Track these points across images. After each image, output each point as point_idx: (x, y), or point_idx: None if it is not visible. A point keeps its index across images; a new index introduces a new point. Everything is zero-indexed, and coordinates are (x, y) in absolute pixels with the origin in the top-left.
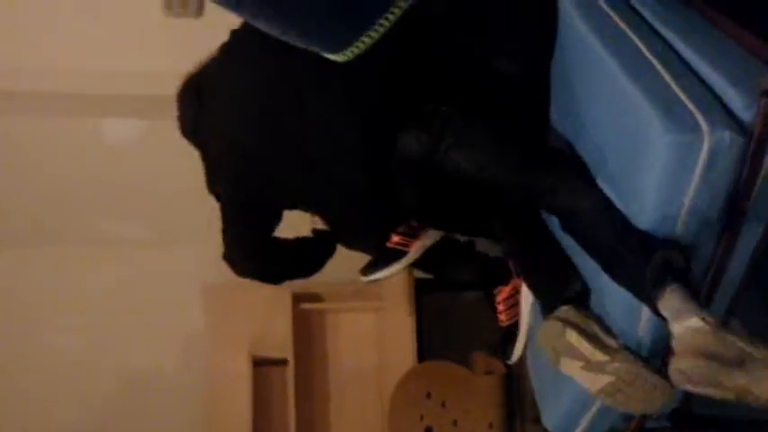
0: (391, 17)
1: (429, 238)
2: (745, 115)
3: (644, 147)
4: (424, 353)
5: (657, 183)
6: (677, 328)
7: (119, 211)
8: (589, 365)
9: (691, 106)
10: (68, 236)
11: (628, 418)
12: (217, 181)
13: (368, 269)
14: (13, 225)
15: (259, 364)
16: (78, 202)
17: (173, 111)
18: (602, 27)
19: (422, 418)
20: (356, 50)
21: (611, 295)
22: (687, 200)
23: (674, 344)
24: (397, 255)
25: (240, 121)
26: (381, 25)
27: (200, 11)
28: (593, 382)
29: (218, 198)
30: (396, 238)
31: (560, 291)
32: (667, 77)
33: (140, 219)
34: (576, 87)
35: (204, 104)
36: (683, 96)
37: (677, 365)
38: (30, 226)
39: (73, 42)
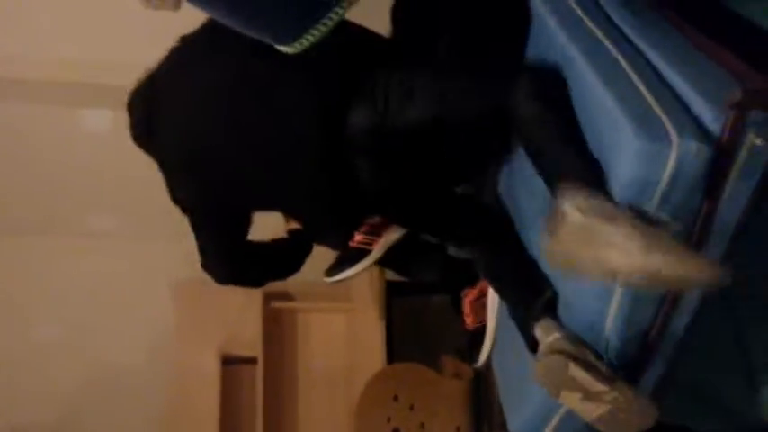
0: (341, 11)
1: (392, 234)
2: (714, 127)
3: (614, 152)
4: (393, 355)
5: (625, 188)
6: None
7: (93, 203)
8: (588, 395)
9: (662, 114)
10: (39, 227)
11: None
12: (180, 188)
13: (332, 270)
14: None
15: (228, 362)
16: (52, 192)
17: None
18: (576, 31)
19: (389, 420)
20: (307, 42)
21: (576, 302)
22: (652, 209)
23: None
24: (360, 254)
25: (201, 123)
26: (331, 19)
27: (178, 4)
28: (592, 411)
29: (183, 208)
30: (359, 237)
31: (535, 299)
32: (640, 85)
33: (114, 212)
34: None
35: (158, 110)
36: (654, 104)
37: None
38: (1, 215)
39: (51, 31)
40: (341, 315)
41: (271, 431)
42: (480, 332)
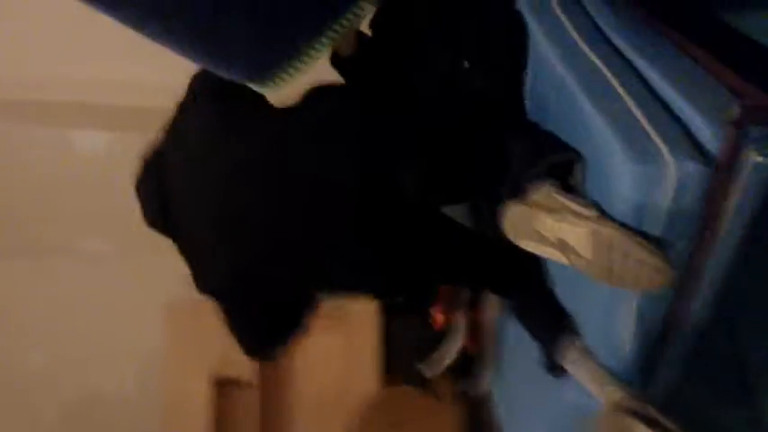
0: (326, 41)
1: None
2: (712, 145)
3: (610, 175)
4: (389, 377)
5: (622, 213)
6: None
7: (82, 222)
8: None
9: (654, 135)
10: (29, 247)
11: None
12: (209, 279)
13: (425, 360)
14: None
15: (222, 385)
16: (40, 212)
17: (138, 123)
18: (565, 49)
19: None
20: (283, 81)
21: (591, 322)
22: (651, 231)
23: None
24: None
25: (232, 202)
26: (316, 49)
27: None
28: None
29: (216, 296)
30: (440, 318)
31: (560, 326)
32: (631, 104)
33: (104, 231)
34: (545, 111)
35: (170, 196)
36: (646, 124)
37: None
38: None
39: (42, 50)
40: (337, 335)
41: None
42: (473, 357)
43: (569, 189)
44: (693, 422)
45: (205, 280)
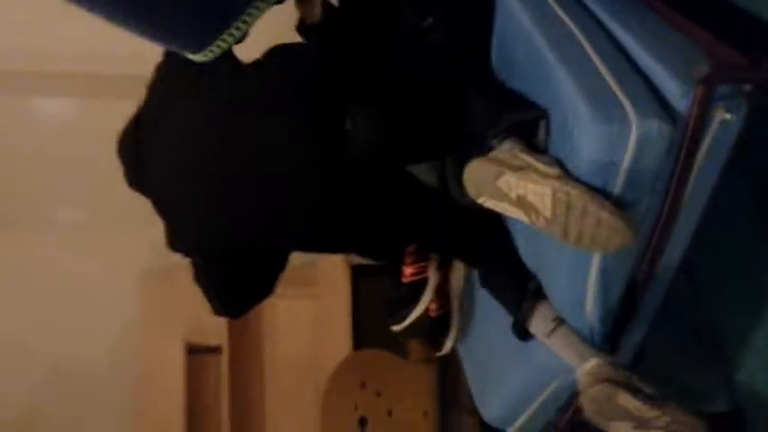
0: (255, 12)
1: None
2: (682, 104)
3: (575, 135)
4: (360, 340)
5: (588, 171)
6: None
7: (55, 193)
8: (641, 424)
9: (620, 94)
10: (2, 217)
11: (563, 410)
12: (182, 229)
13: (396, 316)
14: None
15: (194, 351)
16: (11, 183)
17: (109, 90)
18: (534, 5)
19: (356, 407)
20: (218, 50)
21: (557, 286)
22: (616, 190)
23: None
24: (417, 286)
25: (197, 156)
26: (245, 22)
27: None
28: None
29: (186, 253)
30: (409, 270)
31: (523, 288)
32: (597, 62)
33: (76, 202)
34: (511, 68)
35: (148, 149)
36: (612, 83)
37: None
38: None
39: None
40: (307, 301)
41: (237, 420)
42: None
43: (533, 147)
44: (666, 385)
45: (180, 238)
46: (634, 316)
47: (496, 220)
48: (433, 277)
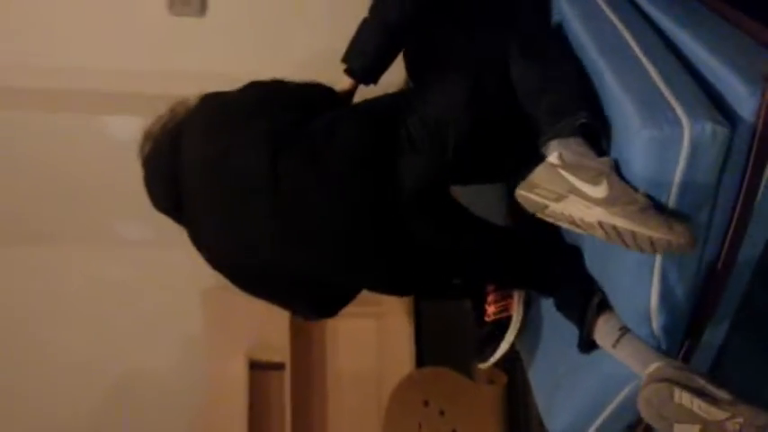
0: None
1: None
2: (750, 104)
3: (626, 140)
4: (423, 360)
5: (639, 178)
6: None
7: (121, 210)
8: (708, 426)
9: (670, 98)
10: (69, 234)
11: (633, 426)
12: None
13: (482, 353)
14: (14, 223)
15: (256, 367)
16: (80, 200)
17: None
18: (586, 10)
19: (420, 426)
20: None
21: (620, 294)
22: (672, 199)
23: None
24: (502, 324)
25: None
26: None
27: (203, 10)
28: None
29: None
30: (492, 309)
31: (589, 301)
32: (648, 66)
33: (141, 219)
34: None
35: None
36: (663, 87)
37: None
38: (30, 223)
39: (75, 39)
40: (370, 319)
41: None
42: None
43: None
44: (748, 383)
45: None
46: (707, 319)
47: (558, 235)
48: (516, 314)
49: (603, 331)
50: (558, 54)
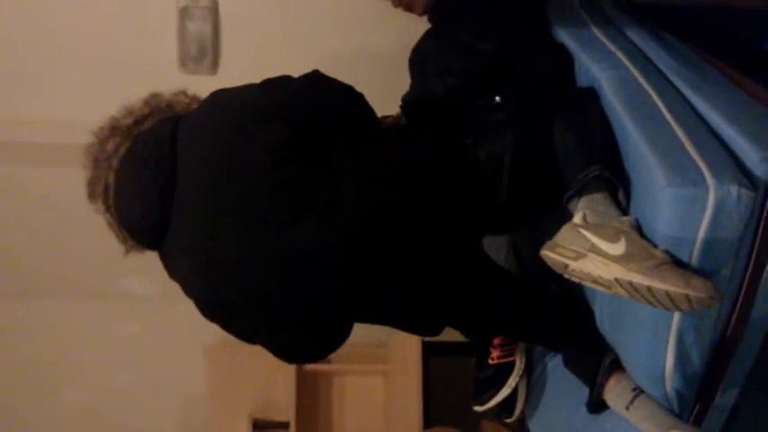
0: None
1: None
2: (760, 169)
3: (650, 198)
4: (431, 419)
5: (663, 236)
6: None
7: (123, 265)
8: None
9: (697, 158)
10: (71, 290)
11: None
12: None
13: (481, 397)
14: (15, 277)
15: (260, 427)
16: (83, 255)
17: None
18: (615, 76)
19: None
20: None
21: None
22: (694, 259)
23: None
24: (504, 368)
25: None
26: None
27: (214, 68)
28: None
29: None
30: (496, 353)
31: (599, 361)
32: (676, 128)
33: (145, 275)
34: None
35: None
36: (689, 148)
37: None
38: (32, 279)
39: (89, 96)
40: (377, 377)
41: None
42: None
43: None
44: None
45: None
46: (720, 381)
47: (569, 295)
48: (519, 360)
49: (615, 392)
50: (591, 113)
